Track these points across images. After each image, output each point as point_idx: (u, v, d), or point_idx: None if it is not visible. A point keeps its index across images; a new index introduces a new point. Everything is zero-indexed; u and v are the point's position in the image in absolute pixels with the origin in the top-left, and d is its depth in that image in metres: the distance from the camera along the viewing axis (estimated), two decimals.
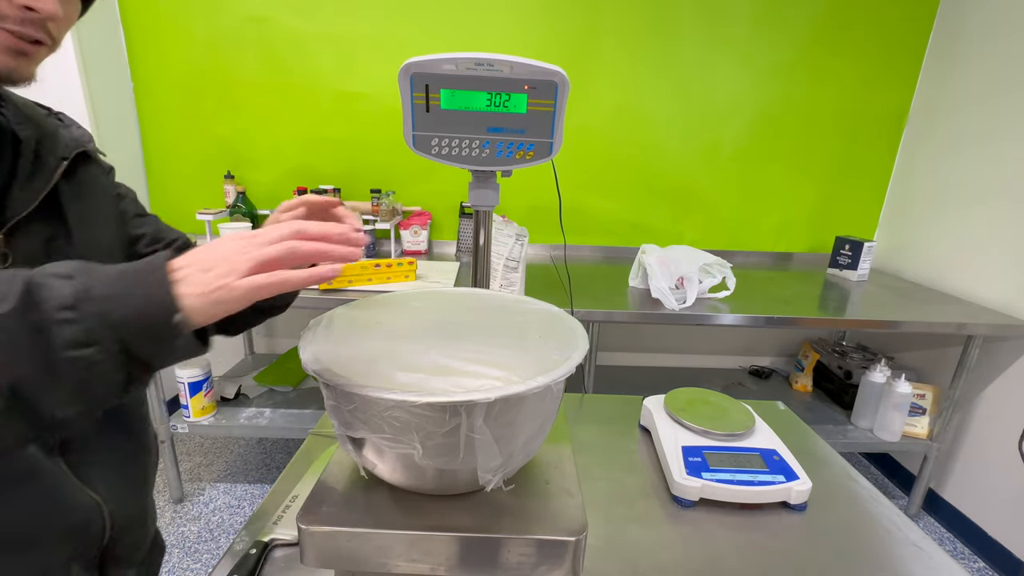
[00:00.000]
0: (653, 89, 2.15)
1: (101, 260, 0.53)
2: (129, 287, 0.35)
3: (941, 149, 2.08)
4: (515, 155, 0.74)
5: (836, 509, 0.76)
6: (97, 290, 0.35)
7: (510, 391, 0.42)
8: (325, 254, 0.41)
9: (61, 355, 0.33)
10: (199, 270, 0.37)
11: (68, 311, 0.33)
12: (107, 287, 0.35)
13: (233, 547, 0.64)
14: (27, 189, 0.50)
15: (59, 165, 0.53)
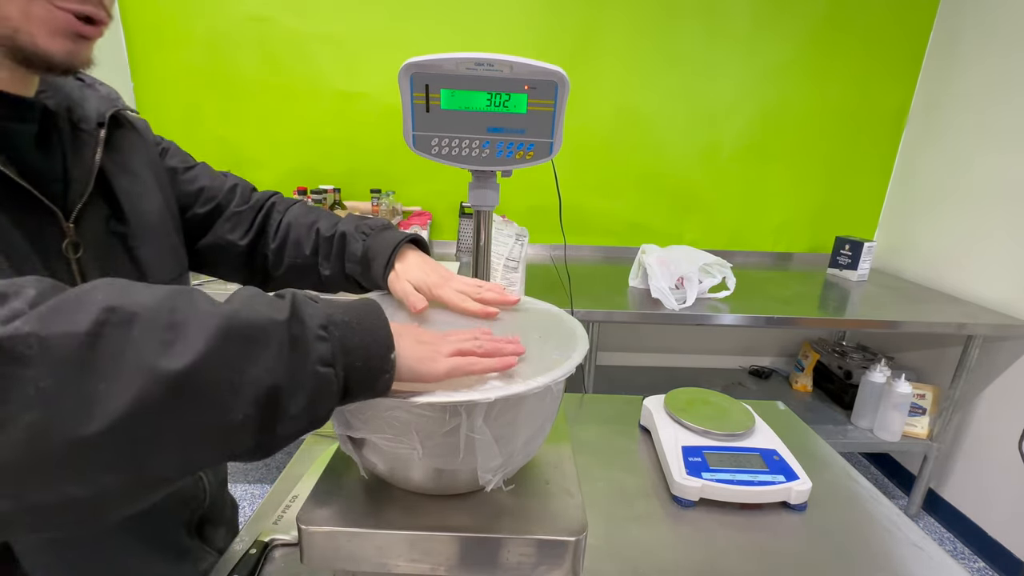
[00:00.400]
0: (653, 89, 2.15)
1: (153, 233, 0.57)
2: (360, 320, 0.39)
3: (941, 149, 2.08)
4: (515, 155, 0.74)
5: (836, 509, 0.76)
6: (337, 316, 0.38)
7: (510, 391, 0.42)
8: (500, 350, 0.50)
9: (311, 369, 0.35)
10: (415, 339, 0.44)
11: (322, 330, 0.36)
12: (343, 315, 0.38)
13: (233, 547, 0.64)
14: (79, 166, 0.50)
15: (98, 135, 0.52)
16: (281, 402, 0.33)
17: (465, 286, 0.62)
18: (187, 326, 0.30)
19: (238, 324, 0.32)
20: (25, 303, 0.27)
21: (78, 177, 0.50)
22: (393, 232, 0.67)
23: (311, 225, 0.70)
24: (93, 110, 0.53)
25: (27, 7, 0.40)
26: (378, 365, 0.39)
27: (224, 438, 0.32)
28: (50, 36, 0.41)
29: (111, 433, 0.27)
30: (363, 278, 0.67)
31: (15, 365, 0.26)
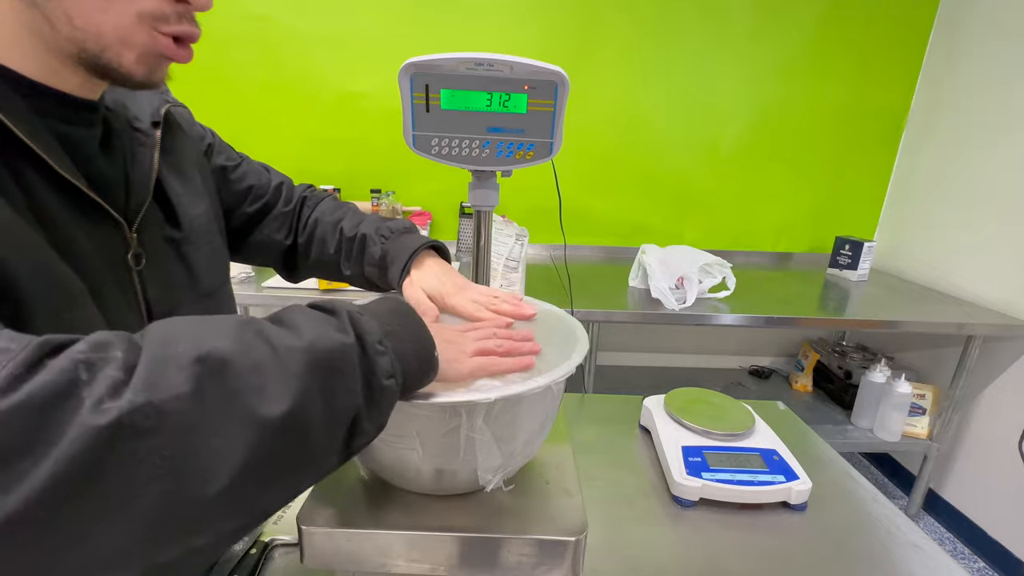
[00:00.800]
0: (653, 89, 2.15)
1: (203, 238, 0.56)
2: (404, 326, 0.40)
3: (941, 149, 2.08)
4: (515, 155, 0.74)
5: (836, 509, 0.76)
6: (388, 327, 0.38)
7: (510, 391, 0.42)
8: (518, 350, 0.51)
9: (380, 385, 0.35)
10: (442, 339, 0.44)
11: (380, 345, 0.36)
12: (389, 325, 0.38)
13: (233, 547, 0.64)
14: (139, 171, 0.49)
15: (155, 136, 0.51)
16: (360, 422, 0.35)
17: (480, 296, 0.62)
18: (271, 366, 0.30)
19: (319, 356, 0.33)
20: (120, 370, 0.26)
21: (138, 182, 0.49)
22: (413, 236, 0.68)
23: (336, 223, 0.71)
24: (146, 103, 0.52)
25: (128, 30, 0.39)
26: (428, 367, 0.41)
27: (320, 466, 0.34)
28: (139, 58, 0.41)
29: (232, 487, 0.28)
30: (380, 281, 0.68)
31: (139, 439, 0.25)
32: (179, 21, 0.41)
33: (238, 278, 1.66)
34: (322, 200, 0.75)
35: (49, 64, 0.40)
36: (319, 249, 0.71)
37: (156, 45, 0.41)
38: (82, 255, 0.41)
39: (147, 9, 0.39)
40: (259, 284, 1.63)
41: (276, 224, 0.71)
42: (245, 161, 0.71)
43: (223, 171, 0.67)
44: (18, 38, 0.38)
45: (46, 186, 0.39)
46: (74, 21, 0.37)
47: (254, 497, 0.30)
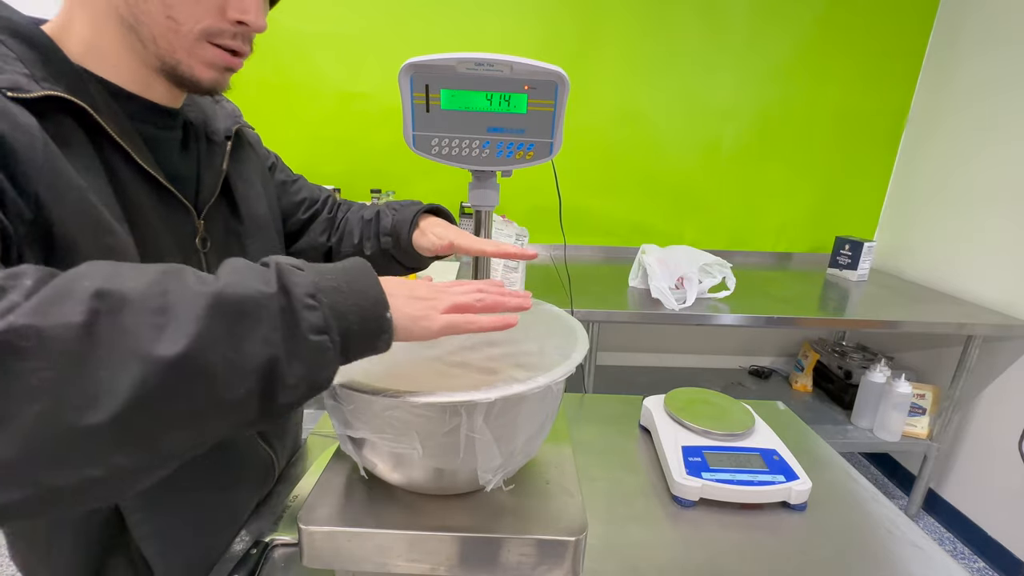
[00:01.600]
0: (653, 89, 2.15)
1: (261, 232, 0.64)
2: (350, 283, 0.38)
3: (941, 149, 2.08)
4: (515, 155, 0.74)
5: (836, 509, 0.76)
6: (326, 282, 0.37)
7: (510, 391, 0.42)
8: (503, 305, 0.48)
9: (304, 338, 0.35)
10: (408, 295, 0.43)
11: (311, 298, 0.36)
12: (332, 281, 0.38)
13: (233, 547, 0.64)
14: (210, 172, 0.58)
15: (226, 147, 0.60)
16: (279, 373, 0.34)
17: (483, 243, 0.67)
18: (177, 308, 0.31)
19: (228, 301, 0.32)
20: (21, 295, 0.28)
21: (208, 181, 0.58)
22: (419, 204, 0.76)
23: (360, 216, 0.79)
24: (222, 124, 0.62)
25: (193, 47, 0.48)
26: (375, 326, 0.39)
27: (228, 413, 0.33)
28: (205, 68, 0.50)
29: (117, 420, 0.28)
30: (395, 248, 0.74)
31: (14, 358, 0.26)
32: (233, 38, 0.50)
33: None
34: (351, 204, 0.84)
35: (142, 77, 0.50)
36: (348, 242, 0.78)
37: (217, 57, 0.50)
38: (156, 237, 0.49)
39: (207, 27, 0.48)
40: None
41: (320, 228, 0.80)
42: (301, 179, 0.82)
43: (284, 185, 0.77)
44: (119, 56, 0.48)
45: (132, 177, 0.48)
46: (157, 41, 0.47)
47: (149, 435, 0.30)
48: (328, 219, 0.80)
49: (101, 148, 0.46)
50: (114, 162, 0.47)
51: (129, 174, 0.48)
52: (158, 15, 0.46)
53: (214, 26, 0.48)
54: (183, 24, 0.47)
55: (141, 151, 0.49)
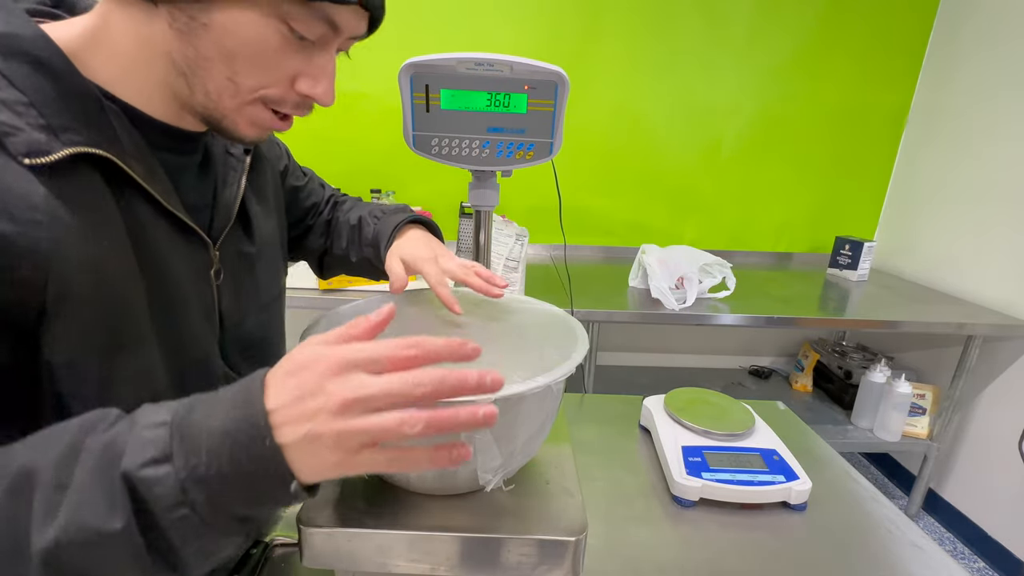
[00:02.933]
0: (653, 89, 2.15)
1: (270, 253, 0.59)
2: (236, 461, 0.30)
3: (941, 149, 2.08)
4: (515, 155, 0.74)
5: (836, 509, 0.76)
6: (201, 471, 0.30)
7: (510, 391, 0.42)
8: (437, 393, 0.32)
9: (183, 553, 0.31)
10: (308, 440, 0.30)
11: (179, 508, 0.30)
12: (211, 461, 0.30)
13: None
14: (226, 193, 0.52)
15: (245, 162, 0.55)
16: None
17: (454, 266, 0.61)
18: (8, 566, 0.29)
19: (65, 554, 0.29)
20: None
21: (224, 203, 0.52)
22: (400, 214, 0.70)
23: (348, 219, 0.75)
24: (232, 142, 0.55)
25: (249, 108, 0.44)
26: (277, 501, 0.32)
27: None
28: (250, 126, 0.45)
29: None
30: (377, 261, 0.69)
31: None
32: (295, 108, 0.46)
33: None
34: (347, 201, 0.80)
35: (175, 111, 0.45)
36: (338, 245, 0.75)
37: (268, 120, 0.46)
38: (171, 273, 0.45)
39: (271, 95, 0.44)
40: None
41: (319, 231, 0.76)
42: (310, 179, 0.78)
43: (295, 191, 0.72)
44: (156, 91, 0.43)
45: (150, 218, 0.43)
46: (210, 95, 0.42)
47: None
48: (326, 221, 0.78)
49: (121, 194, 0.41)
50: (133, 205, 0.42)
51: (148, 215, 0.43)
52: (218, 74, 0.41)
53: (278, 95, 0.44)
54: (240, 86, 0.42)
55: (165, 190, 0.44)
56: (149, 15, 0.39)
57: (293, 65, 0.43)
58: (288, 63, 0.42)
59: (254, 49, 0.40)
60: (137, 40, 0.40)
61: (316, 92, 0.45)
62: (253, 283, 0.56)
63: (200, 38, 0.39)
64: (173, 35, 0.39)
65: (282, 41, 0.41)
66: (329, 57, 0.45)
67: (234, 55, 0.40)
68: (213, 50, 0.40)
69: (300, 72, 0.43)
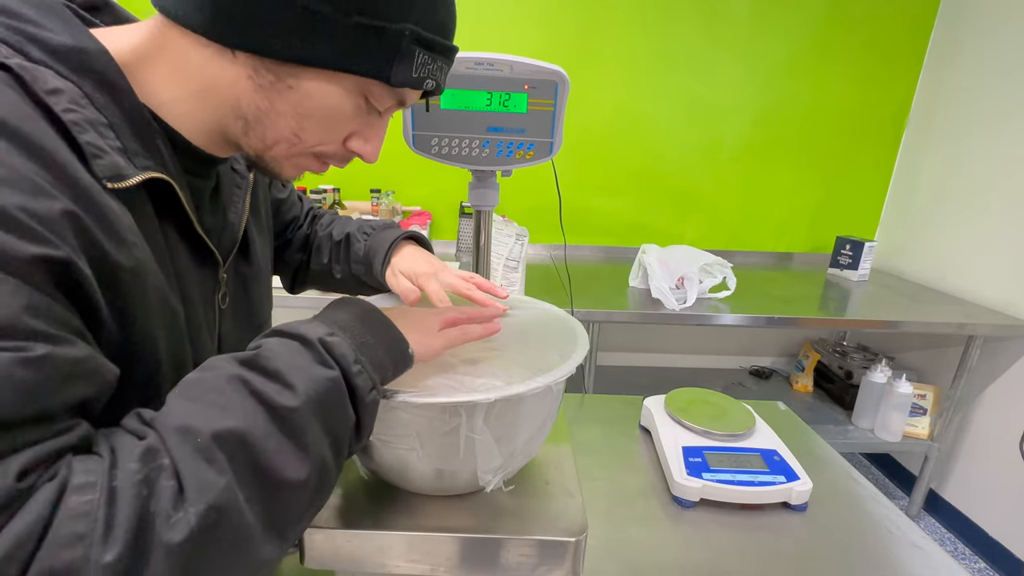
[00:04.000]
0: (653, 89, 2.15)
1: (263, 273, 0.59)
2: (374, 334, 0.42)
3: (941, 149, 2.08)
4: (515, 155, 0.74)
5: (837, 509, 0.76)
6: (358, 340, 0.41)
7: (510, 392, 0.42)
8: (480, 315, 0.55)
9: (363, 401, 0.39)
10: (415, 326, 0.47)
11: (357, 363, 0.39)
12: (360, 336, 0.41)
13: None
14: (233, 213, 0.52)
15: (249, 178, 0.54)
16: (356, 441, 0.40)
17: (455, 279, 0.62)
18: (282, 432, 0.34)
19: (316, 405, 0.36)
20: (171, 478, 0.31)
21: (232, 225, 0.52)
22: (393, 230, 0.69)
23: (328, 233, 0.74)
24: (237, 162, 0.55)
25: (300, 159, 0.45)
26: (403, 366, 0.44)
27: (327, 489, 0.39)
28: (293, 169, 0.46)
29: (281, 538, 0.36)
30: (367, 277, 0.69)
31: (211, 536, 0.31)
32: (340, 161, 0.48)
33: None
34: (324, 215, 0.78)
35: (215, 142, 0.44)
36: (316, 259, 0.74)
37: (312, 166, 0.47)
38: (192, 299, 0.45)
39: (324, 151, 0.46)
40: None
41: (298, 245, 0.75)
42: (291, 191, 0.75)
43: (278, 204, 0.71)
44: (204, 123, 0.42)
45: (179, 241, 0.43)
46: (266, 142, 0.43)
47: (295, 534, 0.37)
48: (305, 235, 0.76)
49: (161, 216, 0.41)
50: (167, 227, 0.42)
51: (175, 239, 0.43)
52: (285, 128, 0.42)
53: (330, 150, 0.46)
54: (303, 142, 0.43)
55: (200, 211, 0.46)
56: (222, 60, 0.39)
57: (352, 127, 0.45)
58: (349, 126, 0.45)
59: (328, 114, 0.42)
60: (202, 75, 0.40)
61: (365, 151, 0.47)
62: (248, 305, 0.57)
63: (280, 95, 0.40)
64: (250, 85, 0.40)
65: (354, 110, 0.43)
66: (385, 122, 0.47)
67: (308, 116, 0.42)
68: (288, 108, 0.41)
69: (355, 132, 0.45)
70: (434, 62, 0.43)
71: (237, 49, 0.39)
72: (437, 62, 0.43)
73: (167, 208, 0.41)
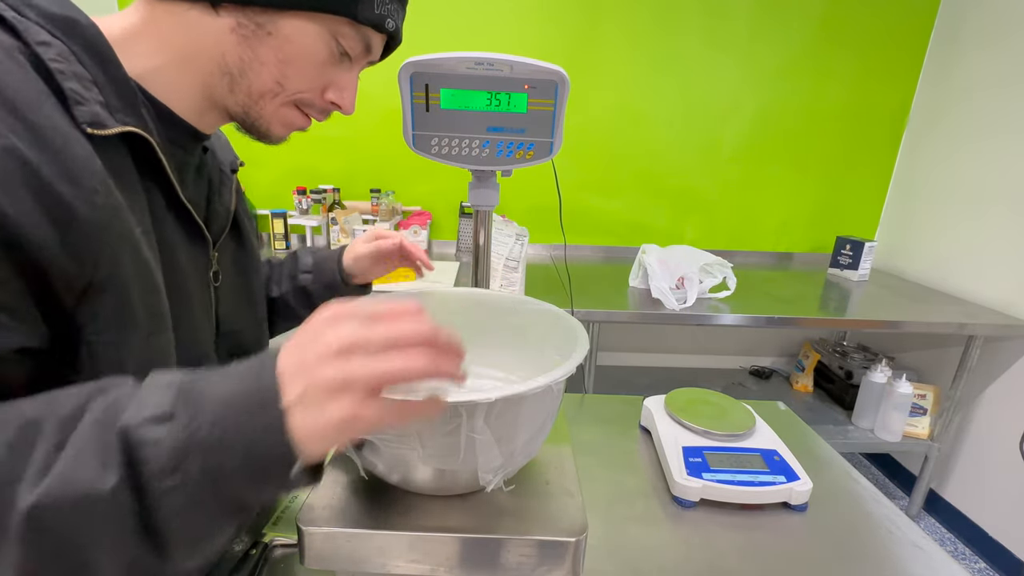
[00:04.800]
0: (653, 88, 2.15)
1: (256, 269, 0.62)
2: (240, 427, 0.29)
3: (942, 149, 2.08)
4: (515, 155, 0.74)
5: (837, 509, 0.76)
6: (203, 434, 0.29)
7: (510, 391, 0.42)
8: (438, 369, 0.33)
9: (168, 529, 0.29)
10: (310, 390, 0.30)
11: (172, 475, 0.28)
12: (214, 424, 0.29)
13: (233, 547, 0.64)
14: (222, 202, 0.55)
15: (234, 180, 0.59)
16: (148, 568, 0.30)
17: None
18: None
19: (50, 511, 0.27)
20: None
21: (219, 212, 0.54)
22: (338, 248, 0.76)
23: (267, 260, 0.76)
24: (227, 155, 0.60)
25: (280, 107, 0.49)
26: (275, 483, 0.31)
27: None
28: (281, 126, 0.50)
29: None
30: (315, 281, 0.72)
31: None
32: (319, 112, 0.52)
33: None
34: None
35: (197, 106, 0.48)
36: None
37: (298, 121, 0.51)
38: (180, 265, 0.46)
39: (305, 99, 0.50)
40: None
41: None
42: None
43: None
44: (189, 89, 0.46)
45: (165, 211, 0.46)
46: (252, 95, 0.47)
47: None
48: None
49: (144, 177, 0.42)
50: (152, 195, 0.44)
51: (161, 206, 0.45)
52: (268, 77, 0.46)
53: (310, 99, 0.50)
54: (285, 89, 0.47)
55: (183, 184, 0.47)
56: (207, 18, 0.43)
57: (328, 76, 0.49)
58: (326, 74, 0.49)
59: (305, 58, 0.46)
60: (187, 38, 0.44)
61: (342, 101, 0.52)
62: (249, 293, 0.59)
63: (262, 43, 0.45)
64: (234, 39, 0.44)
65: (328, 54, 0.48)
66: (355, 74, 0.53)
67: (288, 61, 0.46)
68: (271, 55, 0.45)
69: (331, 83, 0.50)
70: (392, 2, 0.49)
71: (220, 4, 0.43)
72: (394, 4, 0.50)
73: (149, 169, 0.43)
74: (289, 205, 2.16)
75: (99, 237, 0.36)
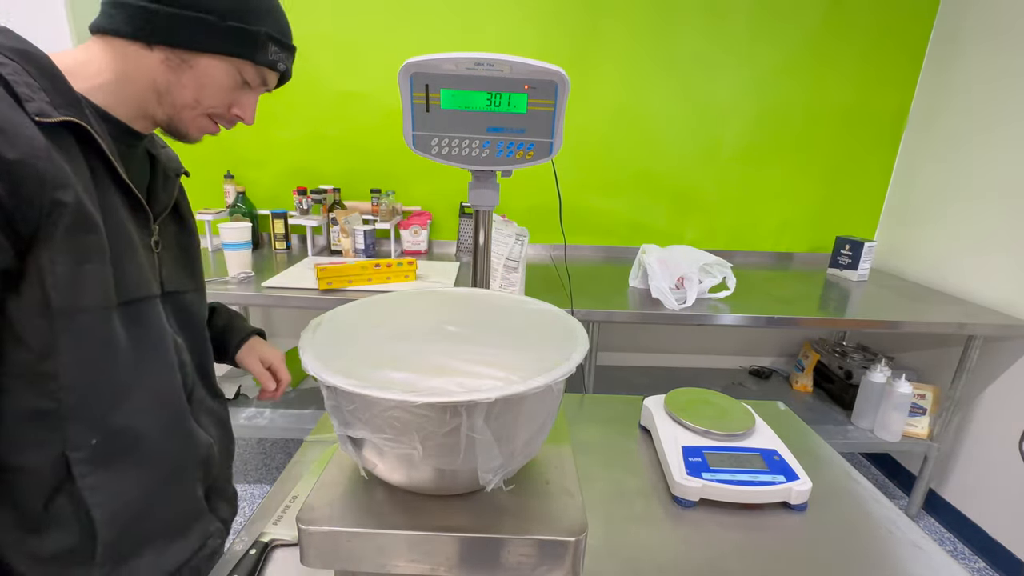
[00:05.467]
0: (653, 89, 2.15)
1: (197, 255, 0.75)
2: None
3: (941, 149, 2.08)
4: (515, 155, 0.74)
5: (836, 509, 0.76)
6: None
7: (510, 391, 0.42)
8: None
9: None
10: None
11: None
12: None
13: (233, 547, 0.64)
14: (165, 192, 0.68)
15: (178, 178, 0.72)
16: None
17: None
18: None
19: None
20: None
21: (165, 193, 0.68)
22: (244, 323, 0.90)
23: None
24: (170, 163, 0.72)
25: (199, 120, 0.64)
26: None
27: None
28: (196, 130, 0.66)
29: None
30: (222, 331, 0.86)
31: None
32: (227, 123, 0.68)
33: (238, 277, 1.66)
34: None
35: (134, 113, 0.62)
36: None
37: (208, 127, 0.67)
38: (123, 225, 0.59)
39: (214, 113, 0.65)
40: (258, 284, 1.63)
41: None
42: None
43: None
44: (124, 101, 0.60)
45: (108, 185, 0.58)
46: (175, 108, 0.62)
47: None
48: None
49: (88, 158, 0.55)
50: (97, 171, 0.56)
51: (107, 182, 0.57)
52: (188, 96, 0.61)
53: (219, 112, 0.65)
54: (201, 105, 0.63)
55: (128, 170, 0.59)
56: (143, 52, 0.58)
57: (234, 97, 0.65)
58: (232, 96, 0.64)
59: (216, 85, 0.62)
60: (127, 66, 0.58)
61: (244, 115, 0.67)
62: (190, 264, 0.72)
63: (184, 73, 0.60)
64: (163, 67, 0.59)
65: (233, 83, 0.63)
66: (255, 97, 0.67)
67: (203, 86, 0.61)
68: (190, 81, 0.61)
69: (236, 102, 0.65)
70: (282, 51, 0.65)
71: (155, 44, 0.58)
72: (283, 52, 0.66)
73: (92, 152, 0.55)
74: (289, 205, 2.16)
75: (42, 181, 0.48)
